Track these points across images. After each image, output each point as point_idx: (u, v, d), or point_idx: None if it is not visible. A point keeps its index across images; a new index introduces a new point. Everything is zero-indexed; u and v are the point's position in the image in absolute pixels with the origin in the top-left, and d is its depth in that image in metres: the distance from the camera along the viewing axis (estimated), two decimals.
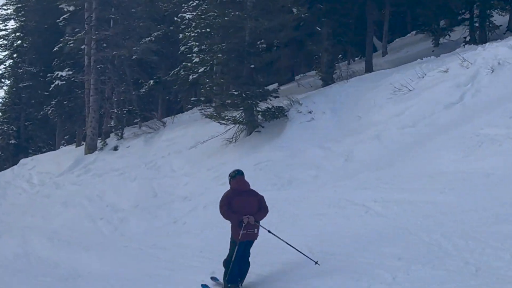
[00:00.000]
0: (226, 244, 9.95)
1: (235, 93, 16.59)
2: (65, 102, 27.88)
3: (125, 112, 23.19)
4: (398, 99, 15.19)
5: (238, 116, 17.04)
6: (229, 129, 17.51)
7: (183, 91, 27.06)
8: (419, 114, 14.10)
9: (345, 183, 12.47)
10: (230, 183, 9.53)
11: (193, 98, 24.49)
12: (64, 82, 27.87)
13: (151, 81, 26.86)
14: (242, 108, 16.63)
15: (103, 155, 23.14)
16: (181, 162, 18.20)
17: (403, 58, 21.47)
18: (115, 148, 23.12)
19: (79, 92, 27.89)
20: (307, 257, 9.30)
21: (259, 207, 9.31)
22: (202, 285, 9.82)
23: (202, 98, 22.27)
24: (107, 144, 23.54)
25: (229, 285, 9.15)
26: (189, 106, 24.72)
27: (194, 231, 13.99)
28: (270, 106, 16.87)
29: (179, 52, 26.68)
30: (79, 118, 28.10)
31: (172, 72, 27.26)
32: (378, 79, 17.09)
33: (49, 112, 28.53)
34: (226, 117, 16.83)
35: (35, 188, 23.35)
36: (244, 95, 16.49)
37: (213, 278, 10.08)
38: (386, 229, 10.05)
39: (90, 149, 24.17)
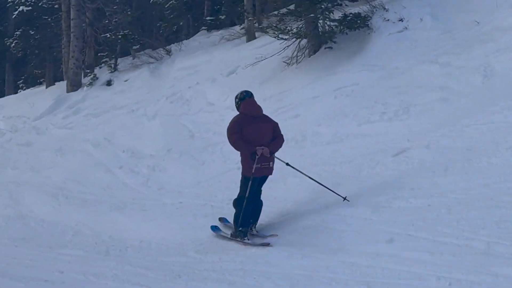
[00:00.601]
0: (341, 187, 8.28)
1: None
2: (32, 32, 22.74)
3: (119, 37, 18.43)
4: None
5: (301, 27, 12.81)
6: (288, 46, 13.29)
7: (172, 19, 22.44)
8: None
9: None
10: (238, 108, 8.06)
11: (208, 18, 19.90)
12: (30, 8, 22.79)
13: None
14: (312, 15, 12.38)
15: (94, 91, 18.53)
16: (220, 93, 13.90)
17: None
18: (109, 83, 18.55)
19: (49, 19, 22.88)
20: (334, 192, 8.07)
21: (274, 136, 7.93)
22: (211, 226, 8.59)
23: (222, 17, 17.99)
24: (97, 78, 18.89)
25: (241, 229, 7.90)
26: (203, 28, 20.07)
27: (275, 179, 9.92)
28: (347, 13, 12.70)
29: None
30: (51, 51, 23.13)
31: None
32: None
33: (12, 45, 23.32)
34: (287, 29, 12.57)
35: (6, 135, 18.55)
36: None
37: (221, 219, 8.81)
38: None
39: (74, 86, 19.48)
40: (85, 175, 13.13)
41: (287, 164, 8.31)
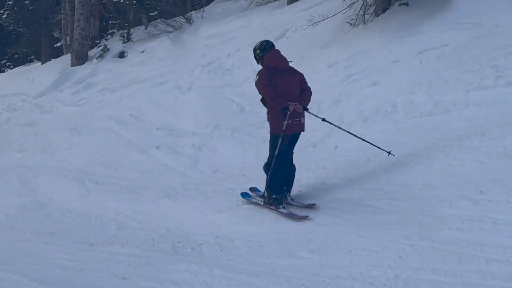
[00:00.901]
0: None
1: None
2: (26, 2, 20.42)
3: (134, 2, 16.24)
4: None
5: None
6: (350, 5, 11.30)
7: None
8: None
9: None
10: (261, 61, 7.31)
11: None
12: None
13: None
14: None
15: (105, 64, 16.40)
16: None
17: None
18: (122, 55, 16.44)
19: None
20: (378, 147, 7.58)
21: (302, 89, 7.25)
22: (241, 193, 7.95)
23: None
24: (108, 49, 16.71)
25: (274, 196, 7.20)
26: None
27: (376, 159, 8.01)
28: None
29: None
30: (46, 23, 20.84)
31: None
32: None
33: (4, 16, 20.97)
34: None
35: (2, 115, 16.38)
36: None
37: (252, 189, 8.05)
38: None
39: (80, 59, 17.35)
40: (114, 157, 11.12)
41: (323, 119, 7.65)
